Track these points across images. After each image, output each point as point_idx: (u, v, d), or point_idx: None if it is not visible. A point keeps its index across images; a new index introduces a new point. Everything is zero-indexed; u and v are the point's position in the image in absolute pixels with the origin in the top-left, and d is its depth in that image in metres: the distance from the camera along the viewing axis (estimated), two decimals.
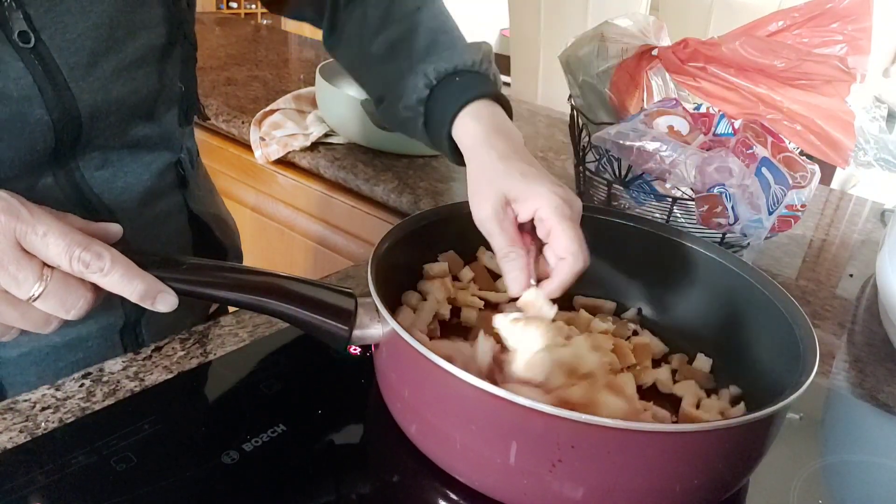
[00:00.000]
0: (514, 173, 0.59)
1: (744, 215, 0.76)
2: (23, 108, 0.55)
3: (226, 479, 0.52)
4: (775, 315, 0.60)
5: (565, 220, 0.57)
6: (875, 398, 0.71)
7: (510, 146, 0.62)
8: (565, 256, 0.57)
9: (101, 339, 0.68)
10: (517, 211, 0.59)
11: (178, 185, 0.75)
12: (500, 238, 0.59)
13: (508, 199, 0.59)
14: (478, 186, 0.61)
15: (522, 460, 0.47)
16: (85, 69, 0.58)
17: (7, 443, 0.52)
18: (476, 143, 0.64)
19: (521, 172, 0.59)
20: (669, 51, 0.86)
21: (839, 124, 0.80)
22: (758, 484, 0.57)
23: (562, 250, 0.57)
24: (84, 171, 0.63)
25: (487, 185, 0.60)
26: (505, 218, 0.59)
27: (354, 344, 0.54)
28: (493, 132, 0.64)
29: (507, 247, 0.59)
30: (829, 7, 0.81)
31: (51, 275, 0.46)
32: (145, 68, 0.63)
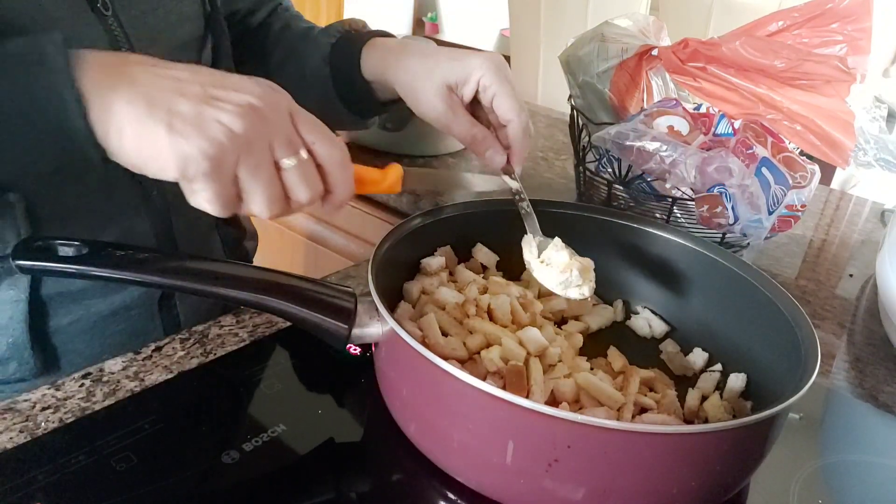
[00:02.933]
0: (445, 61, 0.63)
1: (744, 215, 0.76)
2: None
3: (226, 479, 0.52)
4: (775, 315, 0.60)
5: (505, 83, 0.61)
6: (875, 398, 0.71)
7: (425, 45, 0.66)
8: (510, 118, 0.61)
9: (143, 308, 0.70)
10: (462, 93, 0.63)
11: None
12: (459, 126, 0.63)
13: (450, 86, 0.62)
14: (417, 91, 0.64)
15: (519, 460, 0.47)
16: (147, 43, 0.63)
17: (7, 443, 0.53)
18: (393, 58, 0.67)
19: (450, 58, 0.63)
20: (669, 51, 0.86)
21: (839, 124, 0.80)
22: (758, 483, 0.57)
23: (505, 111, 0.61)
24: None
25: (425, 83, 0.63)
26: (455, 105, 0.62)
27: (354, 343, 0.54)
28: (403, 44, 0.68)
29: (469, 130, 0.62)
30: (829, 7, 0.81)
31: (306, 157, 0.49)
32: (188, 53, 0.70)
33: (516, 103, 0.61)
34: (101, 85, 0.45)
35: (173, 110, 0.45)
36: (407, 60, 0.65)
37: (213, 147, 0.45)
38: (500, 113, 0.61)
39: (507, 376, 0.55)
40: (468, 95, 0.62)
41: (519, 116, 0.61)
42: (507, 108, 0.61)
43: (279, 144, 0.48)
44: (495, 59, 0.62)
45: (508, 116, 0.61)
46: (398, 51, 0.68)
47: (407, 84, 0.65)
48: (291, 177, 0.49)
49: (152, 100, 0.45)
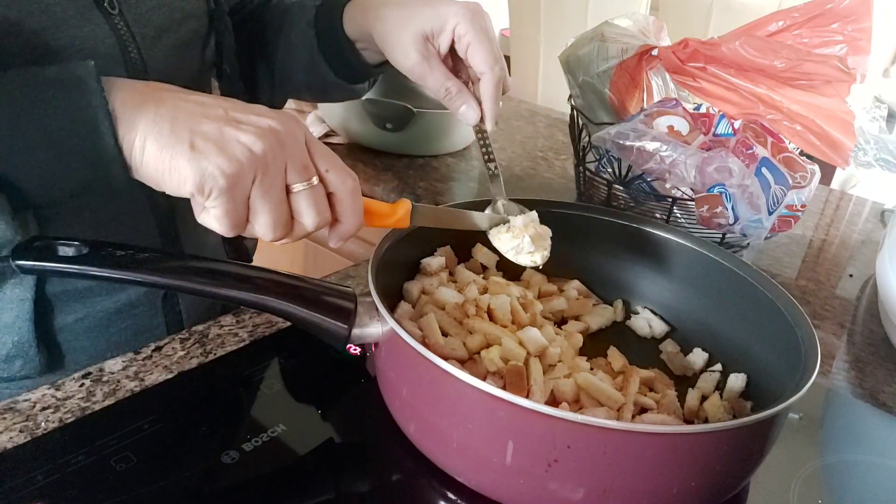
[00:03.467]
0: (422, 9, 0.62)
1: (744, 215, 0.76)
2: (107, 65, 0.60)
3: (226, 479, 0.52)
4: (776, 315, 0.60)
5: (480, 32, 0.60)
6: (875, 398, 0.71)
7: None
8: (483, 71, 0.60)
9: (147, 305, 0.71)
10: (438, 43, 0.61)
11: None
12: (433, 78, 0.61)
13: (426, 35, 0.61)
14: (392, 40, 0.63)
15: (519, 460, 0.47)
16: (152, 40, 0.64)
17: (7, 443, 0.53)
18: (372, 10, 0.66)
19: (427, 5, 0.62)
20: (669, 51, 0.86)
21: (839, 124, 0.80)
22: (758, 483, 0.57)
23: (479, 63, 0.60)
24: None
25: (401, 33, 0.62)
26: (431, 56, 0.61)
27: (354, 342, 0.54)
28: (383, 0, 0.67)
29: (444, 83, 0.61)
30: (829, 7, 0.81)
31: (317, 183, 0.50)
32: (192, 50, 0.70)
33: (490, 55, 0.60)
34: (128, 104, 0.47)
35: (196, 129, 0.46)
36: (385, 10, 0.65)
37: (231, 165, 0.46)
38: (474, 64, 0.60)
39: (506, 376, 0.55)
40: (444, 46, 0.61)
41: (492, 69, 0.60)
42: (480, 60, 0.60)
43: (293, 169, 0.48)
44: (472, 7, 0.61)
45: (481, 68, 0.60)
46: (378, 3, 0.67)
47: (384, 34, 0.64)
48: (301, 201, 0.50)
49: (176, 119, 0.47)
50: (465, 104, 0.61)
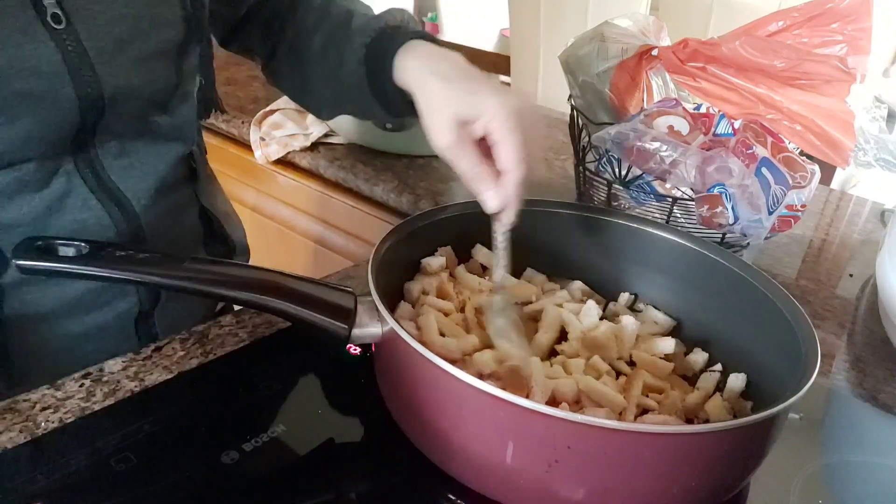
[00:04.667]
0: (462, 94, 0.60)
1: (744, 215, 0.76)
2: (52, 85, 0.58)
3: (226, 479, 0.52)
4: (776, 315, 0.60)
5: (512, 133, 0.58)
6: (875, 398, 0.71)
7: (452, 67, 0.63)
8: (509, 169, 0.59)
9: (118, 328, 0.70)
10: (472, 130, 0.60)
11: (190, 178, 0.77)
12: (464, 162, 0.60)
13: (462, 121, 0.60)
14: (431, 116, 0.62)
15: (519, 460, 0.47)
16: (110, 55, 0.61)
17: (7, 443, 0.53)
18: (418, 74, 0.65)
19: (468, 91, 0.60)
20: (669, 51, 0.86)
21: (839, 124, 0.80)
22: (758, 483, 0.57)
23: (504, 161, 0.59)
24: (103, 160, 0.65)
25: (439, 112, 0.61)
26: (464, 140, 0.60)
27: (354, 343, 0.54)
28: (433, 58, 0.65)
29: (472, 168, 0.60)
30: (829, 7, 0.81)
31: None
32: (164, 61, 0.67)
33: (516, 155, 0.59)
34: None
35: None
36: (428, 81, 0.63)
37: None
38: (498, 160, 0.60)
39: (507, 376, 0.55)
40: (478, 133, 0.61)
41: (516, 169, 0.59)
42: (505, 159, 0.59)
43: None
44: (510, 105, 0.59)
45: (506, 167, 0.59)
46: (426, 65, 0.65)
47: (423, 107, 0.63)
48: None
49: None
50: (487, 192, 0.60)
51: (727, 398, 0.61)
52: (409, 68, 0.66)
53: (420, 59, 0.66)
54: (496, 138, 0.59)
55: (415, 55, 0.66)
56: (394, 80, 0.68)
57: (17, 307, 0.63)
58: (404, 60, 0.67)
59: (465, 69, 0.63)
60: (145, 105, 0.67)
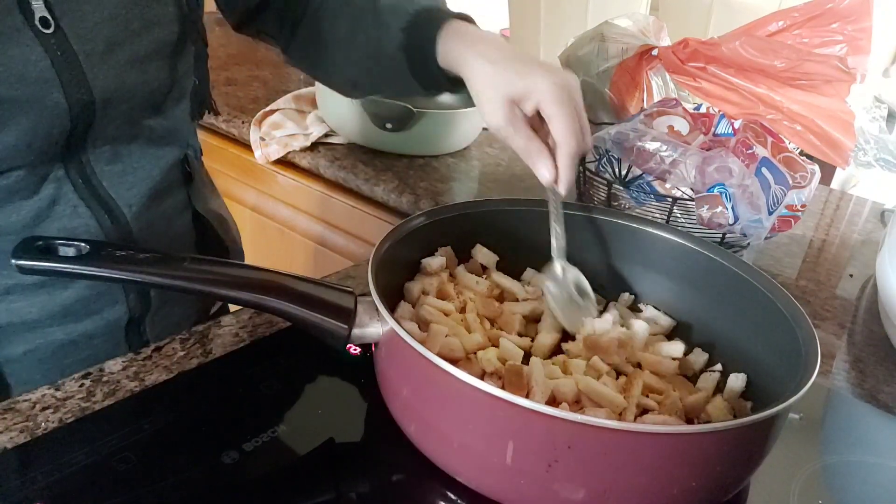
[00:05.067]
0: (510, 74, 0.63)
1: (744, 215, 0.76)
2: (41, 91, 0.57)
3: (226, 479, 0.52)
4: (776, 315, 0.60)
5: (562, 107, 0.61)
6: (875, 398, 0.71)
7: (496, 49, 0.65)
8: (560, 143, 0.61)
9: (107, 336, 0.69)
10: (523, 108, 0.63)
11: (184, 182, 0.76)
12: (517, 139, 0.63)
13: (513, 100, 0.62)
14: (483, 98, 0.64)
15: (519, 460, 0.47)
16: (100, 57, 0.59)
17: (7, 443, 0.53)
18: (465, 56, 0.66)
19: (516, 72, 0.63)
20: (669, 51, 0.86)
21: (839, 124, 0.80)
22: (758, 483, 0.57)
23: (557, 135, 0.61)
24: (94, 165, 0.64)
25: (490, 93, 0.63)
26: (516, 119, 0.63)
27: (354, 343, 0.54)
28: (476, 42, 0.67)
29: (526, 144, 0.63)
30: (829, 7, 0.81)
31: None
32: (157, 62, 0.65)
33: (569, 128, 0.61)
34: None
35: None
36: (478, 64, 0.65)
37: None
38: (553, 134, 0.62)
39: (506, 376, 0.55)
40: (529, 111, 0.63)
41: (568, 142, 0.61)
42: (558, 132, 0.61)
43: None
44: (559, 80, 0.62)
45: (559, 140, 0.62)
46: (470, 48, 0.66)
47: (474, 88, 0.65)
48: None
49: None
50: (541, 164, 0.63)
51: (727, 398, 0.61)
52: (454, 52, 0.67)
53: (465, 43, 0.67)
54: (548, 113, 0.61)
55: (458, 39, 0.68)
56: (438, 64, 0.69)
57: (3, 316, 0.63)
58: (447, 44, 0.68)
59: (510, 51, 0.65)
60: (138, 108, 0.65)
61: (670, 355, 0.66)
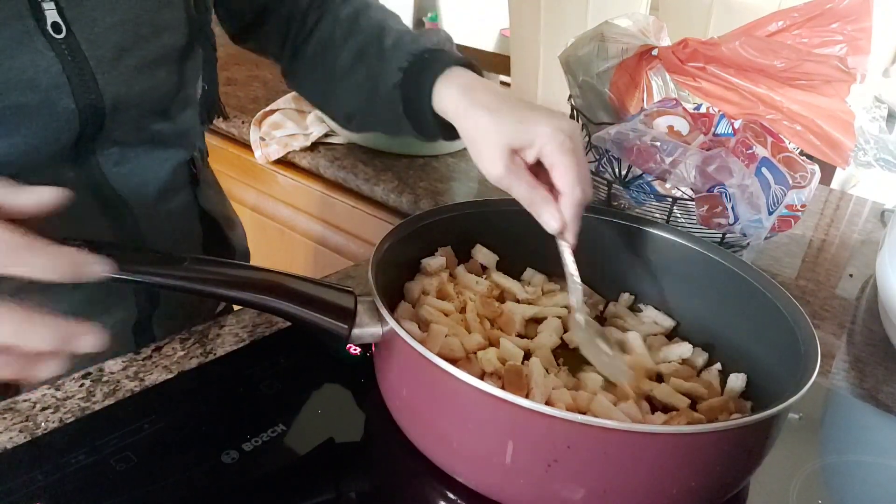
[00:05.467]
0: (510, 123, 0.61)
1: (744, 215, 0.76)
2: (51, 97, 0.57)
3: (226, 479, 0.52)
4: (776, 315, 0.60)
5: (565, 155, 0.59)
6: (875, 398, 0.71)
7: (495, 98, 0.63)
8: (565, 192, 0.59)
9: (115, 335, 0.68)
10: (525, 157, 0.61)
11: (190, 183, 0.76)
12: (519, 189, 0.61)
13: (513, 149, 0.60)
14: (481, 148, 0.62)
15: (519, 460, 0.47)
16: (111, 62, 0.59)
17: (7, 443, 0.53)
18: (461, 105, 0.65)
19: (517, 119, 0.61)
20: (669, 51, 0.86)
21: (839, 124, 0.80)
22: (758, 483, 0.57)
23: (561, 184, 0.60)
24: (103, 167, 0.64)
25: (489, 144, 0.61)
26: (517, 168, 0.61)
27: (354, 343, 0.54)
28: (474, 90, 0.65)
29: (528, 194, 0.61)
30: (829, 7, 0.81)
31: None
32: (167, 67, 0.65)
33: (573, 177, 0.59)
34: None
35: None
36: (474, 113, 0.63)
37: None
38: (555, 183, 0.60)
39: (505, 376, 0.55)
40: (530, 160, 0.61)
41: (573, 191, 0.59)
42: (562, 182, 0.59)
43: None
44: (564, 128, 0.60)
45: (563, 189, 0.60)
46: (466, 97, 0.65)
47: (471, 138, 0.63)
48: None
49: None
50: (546, 213, 0.61)
51: (727, 398, 0.61)
52: (450, 98, 0.65)
53: (462, 89, 0.65)
54: (551, 162, 0.59)
55: (455, 84, 0.66)
56: (432, 107, 0.67)
57: None
58: (444, 89, 0.66)
59: (509, 99, 0.63)
60: (147, 112, 0.66)
61: (680, 357, 0.66)
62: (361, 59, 0.73)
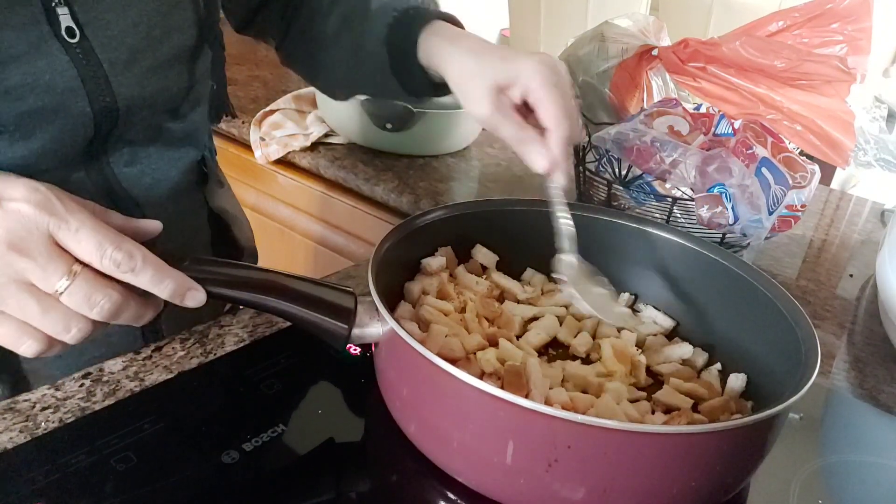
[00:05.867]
0: (494, 61, 0.61)
1: (744, 215, 0.76)
2: (66, 100, 0.57)
3: (226, 479, 0.52)
4: (776, 315, 0.60)
5: (551, 88, 0.59)
6: (875, 398, 0.71)
7: (479, 43, 0.64)
8: (551, 128, 0.59)
9: (124, 333, 0.68)
10: (510, 95, 0.61)
11: (200, 183, 0.77)
12: (507, 127, 0.61)
13: (499, 87, 0.60)
14: (466, 89, 0.62)
15: (519, 460, 0.47)
16: (124, 65, 0.60)
17: (7, 443, 0.53)
18: (446, 52, 0.65)
19: (500, 57, 0.61)
20: (669, 51, 0.86)
21: (839, 124, 0.80)
22: (758, 483, 0.57)
23: (547, 120, 0.59)
24: (114, 167, 0.65)
25: (475, 83, 0.62)
26: (503, 106, 0.61)
27: (354, 343, 0.54)
28: (459, 38, 0.66)
29: (516, 133, 0.60)
30: (829, 7, 0.81)
31: (80, 270, 0.46)
32: (177, 67, 0.66)
33: (558, 112, 0.59)
34: None
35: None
36: (459, 57, 0.64)
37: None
38: (541, 119, 0.60)
39: (505, 376, 0.55)
40: (516, 97, 0.61)
41: (558, 126, 0.59)
42: (547, 117, 0.59)
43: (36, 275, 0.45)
44: (547, 63, 0.60)
45: (548, 125, 0.59)
46: (452, 44, 0.66)
47: (457, 81, 0.64)
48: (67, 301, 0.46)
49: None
50: (534, 152, 0.61)
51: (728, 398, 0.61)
52: (435, 47, 0.66)
53: (446, 38, 0.66)
54: (536, 97, 0.59)
55: (440, 35, 0.67)
56: (419, 60, 0.68)
57: None
58: (429, 39, 0.67)
59: (494, 45, 0.64)
60: (158, 113, 0.66)
61: (680, 358, 0.66)
62: (347, 24, 0.74)
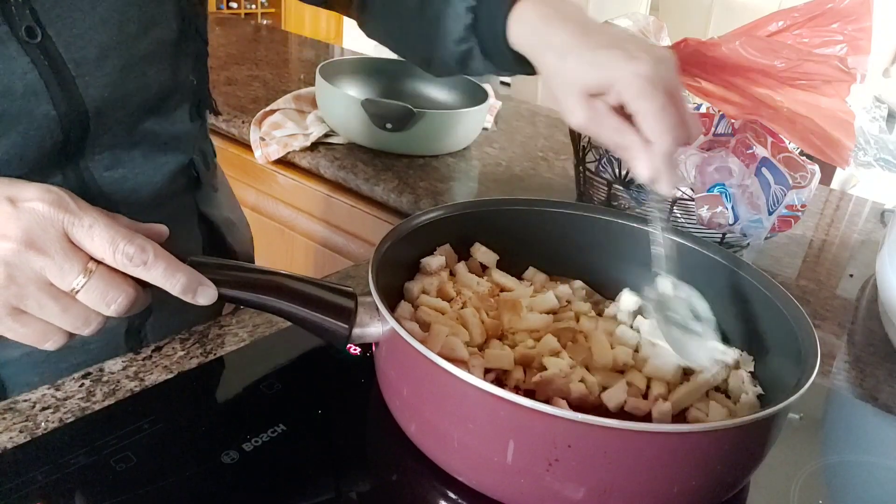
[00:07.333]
0: (585, 67, 0.55)
1: (744, 215, 0.76)
2: (28, 104, 0.55)
3: (226, 479, 0.52)
4: (776, 315, 0.60)
5: (649, 100, 0.53)
6: (875, 398, 0.71)
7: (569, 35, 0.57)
8: (652, 139, 0.54)
9: (104, 341, 0.67)
10: (606, 100, 0.55)
11: (190, 188, 0.74)
12: (605, 135, 0.56)
13: (590, 93, 0.55)
14: (556, 95, 0.57)
15: (519, 459, 0.47)
16: (94, 64, 0.57)
17: (7, 443, 0.53)
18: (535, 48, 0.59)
19: (590, 63, 0.55)
20: None
21: (839, 124, 0.80)
22: (758, 483, 0.57)
23: (647, 132, 0.54)
24: (93, 171, 0.63)
25: (563, 91, 0.56)
26: (598, 115, 0.55)
27: (354, 342, 0.54)
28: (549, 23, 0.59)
29: (616, 140, 0.56)
30: (829, 7, 0.81)
31: (95, 268, 0.47)
32: (158, 64, 0.63)
33: (661, 124, 0.53)
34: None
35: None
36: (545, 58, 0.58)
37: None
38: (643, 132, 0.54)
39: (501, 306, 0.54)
40: (613, 101, 0.55)
41: (660, 140, 0.53)
42: (647, 130, 0.53)
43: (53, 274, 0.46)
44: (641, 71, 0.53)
45: (650, 138, 0.54)
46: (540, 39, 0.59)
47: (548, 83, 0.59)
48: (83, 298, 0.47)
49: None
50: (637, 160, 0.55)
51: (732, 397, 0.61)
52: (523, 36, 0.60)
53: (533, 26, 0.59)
54: (633, 109, 0.54)
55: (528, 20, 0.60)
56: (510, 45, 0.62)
57: None
58: (517, 28, 0.60)
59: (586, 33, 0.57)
60: (137, 113, 0.64)
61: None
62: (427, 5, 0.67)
